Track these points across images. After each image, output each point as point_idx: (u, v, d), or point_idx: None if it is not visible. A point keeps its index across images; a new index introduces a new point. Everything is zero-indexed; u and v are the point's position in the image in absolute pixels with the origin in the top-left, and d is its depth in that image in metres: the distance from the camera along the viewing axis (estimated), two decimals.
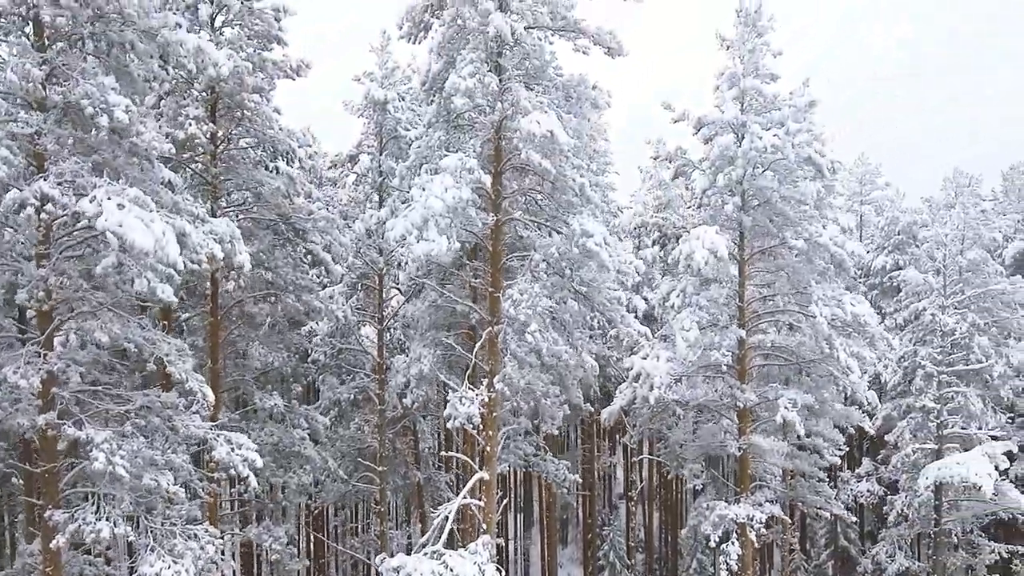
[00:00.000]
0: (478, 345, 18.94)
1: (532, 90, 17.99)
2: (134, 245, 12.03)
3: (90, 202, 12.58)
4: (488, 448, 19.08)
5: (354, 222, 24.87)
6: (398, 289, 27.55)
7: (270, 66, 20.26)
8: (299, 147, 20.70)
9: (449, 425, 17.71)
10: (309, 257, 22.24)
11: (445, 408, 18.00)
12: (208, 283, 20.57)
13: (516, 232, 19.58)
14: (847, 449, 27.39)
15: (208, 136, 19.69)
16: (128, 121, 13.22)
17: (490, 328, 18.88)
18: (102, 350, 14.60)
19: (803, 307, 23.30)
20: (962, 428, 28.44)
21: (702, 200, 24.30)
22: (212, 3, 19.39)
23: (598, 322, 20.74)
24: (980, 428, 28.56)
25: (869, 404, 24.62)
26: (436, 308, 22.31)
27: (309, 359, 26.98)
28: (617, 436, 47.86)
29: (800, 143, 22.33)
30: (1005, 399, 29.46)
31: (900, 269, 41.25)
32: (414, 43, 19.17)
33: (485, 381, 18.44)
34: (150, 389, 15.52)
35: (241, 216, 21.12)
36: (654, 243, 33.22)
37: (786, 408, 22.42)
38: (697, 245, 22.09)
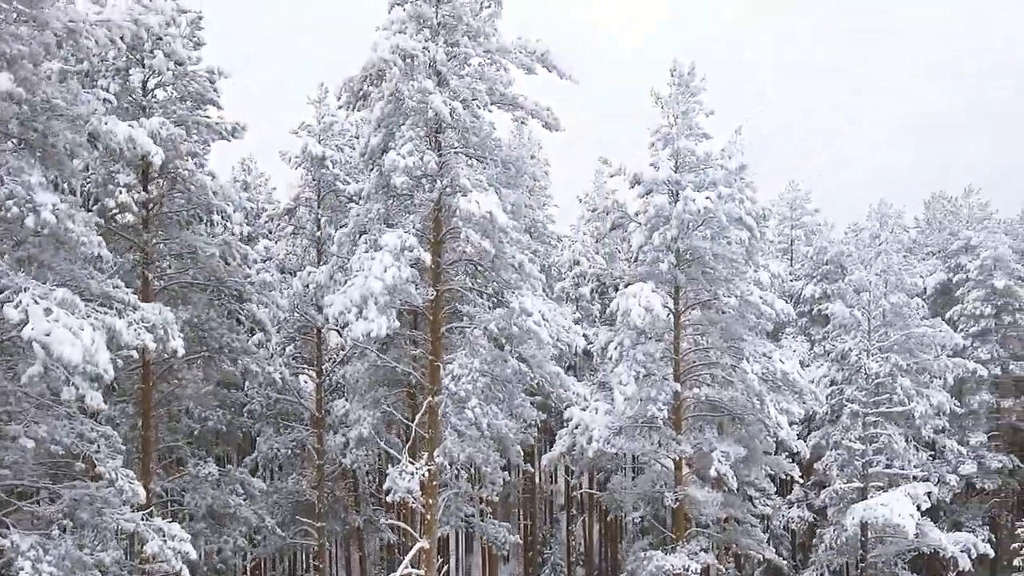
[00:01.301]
0: (418, 415, 18.96)
1: (472, 165, 18.12)
2: (62, 357, 11.70)
3: (15, 308, 12.19)
4: (428, 516, 19.10)
5: (292, 276, 24.60)
6: (337, 331, 27.30)
7: (204, 130, 19.94)
8: (235, 210, 20.38)
9: (389, 499, 17.67)
10: (246, 319, 21.91)
11: (385, 481, 17.96)
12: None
13: (457, 299, 19.64)
14: (776, 500, 28.33)
15: (140, 203, 19.24)
16: (56, 221, 12.86)
17: (430, 398, 18.92)
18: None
19: (736, 361, 23.98)
20: (886, 466, 29.63)
21: (638, 255, 24.80)
22: (143, 67, 18.98)
23: (538, 382, 20.94)
24: (903, 465, 29.80)
25: (798, 452, 25.43)
26: (376, 368, 22.24)
27: (245, 409, 26.53)
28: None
29: (731, 204, 23.03)
30: (926, 437, 30.81)
31: (828, 297, 42.57)
32: (352, 110, 19.10)
33: (425, 454, 18.47)
34: (78, 481, 15.07)
35: (175, 280, 20.71)
36: (592, 291, 33.69)
37: (719, 462, 23.07)
38: (634, 303, 22.60)
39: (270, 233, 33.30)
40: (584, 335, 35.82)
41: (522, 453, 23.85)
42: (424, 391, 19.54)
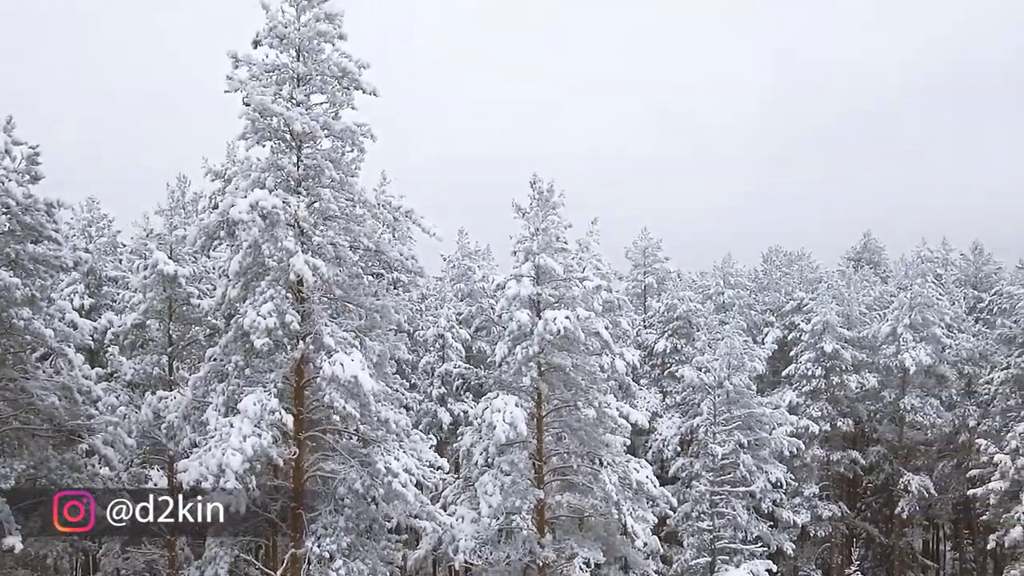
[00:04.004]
0: (280, 569, 18.49)
1: (335, 315, 17.91)
2: None
3: None
4: None
5: (140, 394, 23.32)
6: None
7: (42, 268, 18.61)
8: (75, 352, 19.16)
9: None
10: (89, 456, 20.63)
11: None
12: None
13: (320, 452, 19.31)
14: None
15: None
16: None
17: (293, 549, 18.51)
18: None
19: (595, 469, 24.98)
20: (731, 539, 31.73)
21: (502, 364, 25.30)
22: None
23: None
24: (746, 536, 32.05)
25: (656, 552, 26.81)
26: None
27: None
28: None
29: (589, 322, 23.98)
30: (765, 509, 33.23)
31: (679, 351, 44.85)
32: (208, 253, 18.43)
33: None
34: None
35: (8, 427, 19.18)
36: (457, 389, 33.97)
37: (580, 569, 23.99)
38: (498, 418, 23.10)
39: (114, 302, 31.39)
40: (449, 410, 36.27)
41: None
42: (287, 540, 19.08)
